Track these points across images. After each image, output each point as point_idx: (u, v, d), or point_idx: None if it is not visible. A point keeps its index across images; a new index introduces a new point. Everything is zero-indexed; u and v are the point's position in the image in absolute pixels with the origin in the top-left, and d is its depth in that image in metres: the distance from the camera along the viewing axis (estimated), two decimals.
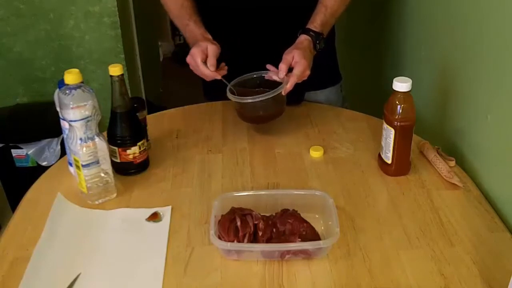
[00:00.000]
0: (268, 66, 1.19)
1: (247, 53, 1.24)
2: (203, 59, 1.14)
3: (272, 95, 1.12)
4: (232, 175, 1.11)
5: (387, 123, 1.05)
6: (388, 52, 1.71)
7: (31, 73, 2.04)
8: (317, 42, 1.18)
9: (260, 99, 1.13)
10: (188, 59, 1.16)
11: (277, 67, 1.15)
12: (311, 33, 1.18)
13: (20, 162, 1.91)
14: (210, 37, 1.20)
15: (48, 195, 1.03)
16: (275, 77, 1.16)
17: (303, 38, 1.18)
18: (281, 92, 1.13)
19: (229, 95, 1.17)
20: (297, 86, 1.16)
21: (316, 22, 1.20)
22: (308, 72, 1.14)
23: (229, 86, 1.18)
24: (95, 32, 2.00)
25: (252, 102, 1.14)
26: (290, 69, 1.14)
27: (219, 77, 1.16)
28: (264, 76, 1.20)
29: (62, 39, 2.00)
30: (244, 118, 1.24)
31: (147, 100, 1.88)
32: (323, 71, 1.40)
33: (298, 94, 1.38)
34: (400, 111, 1.02)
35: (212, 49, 1.14)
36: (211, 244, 0.86)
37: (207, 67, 1.14)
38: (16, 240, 0.93)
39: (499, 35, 1.00)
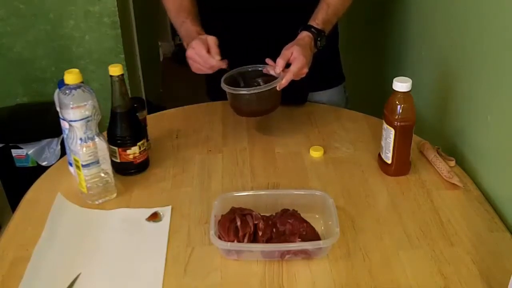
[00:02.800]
0: (267, 60, 1.17)
1: (246, 53, 1.24)
2: (206, 50, 1.12)
3: (266, 89, 1.11)
4: (232, 175, 1.11)
5: (387, 123, 1.05)
6: (388, 52, 1.71)
7: (31, 73, 2.04)
8: (318, 39, 1.17)
9: (254, 92, 1.12)
10: (190, 52, 1.13)
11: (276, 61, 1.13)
12: (312, 29, 1.17)
13: (20, 162, 1.91)
14: (204, 34, 1.17)
15: (48, 195, 1.03)
16: (272, 72, 1.15)
17: (305, 35, 1.17)
18: (275, 87, 1.12)
19: (223, 86, 1.15)
20: (300, 86, 1.16)
21: (318, 19, 1.19)
22: (305, 70, 1.13)
23: (223, 78, 1.17)
24: (95, 32, 2.00)
25: (246, 94, 1.13)
26: (288, 65, 1.12)
27: (225, 67, 1.14)
28: (261, 69, 1.19)
29: (62, 39, 2.00)
30: (237, 111, 1.22)
31: (147, 100, 1.88)
32: (327, 72, 1.39)
33: (301, 95, 1.38)
34: (400, 111, 1.02)
35: (213, 39, 1.13)
36: (211, 244, 0.86)
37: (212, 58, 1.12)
38: (16, 240, 0.93)
39: (499, 35, 1.00)
